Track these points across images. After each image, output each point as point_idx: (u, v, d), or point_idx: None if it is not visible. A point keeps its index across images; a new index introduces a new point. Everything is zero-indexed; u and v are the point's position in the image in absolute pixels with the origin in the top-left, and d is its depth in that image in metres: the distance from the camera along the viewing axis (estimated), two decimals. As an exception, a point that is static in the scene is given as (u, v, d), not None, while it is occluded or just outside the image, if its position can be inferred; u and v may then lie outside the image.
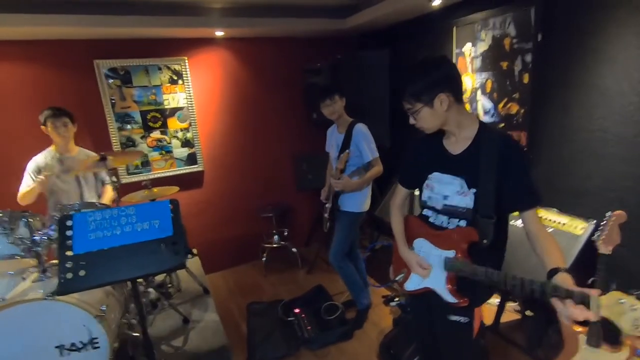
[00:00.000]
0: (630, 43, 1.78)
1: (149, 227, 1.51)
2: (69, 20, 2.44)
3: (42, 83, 2.77)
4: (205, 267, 3.15)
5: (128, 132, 3.10)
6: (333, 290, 3.06)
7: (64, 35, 2.72)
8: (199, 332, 2.21)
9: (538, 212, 1.21)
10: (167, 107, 3.20)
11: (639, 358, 1.52)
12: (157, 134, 3.21)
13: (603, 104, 1.93)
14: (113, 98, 3.00)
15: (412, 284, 1.44)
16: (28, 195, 2.28)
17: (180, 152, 3.33)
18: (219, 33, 3.13)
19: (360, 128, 2.36)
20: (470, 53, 2.60)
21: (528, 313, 2.43)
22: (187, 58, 3.18)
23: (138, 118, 3.11)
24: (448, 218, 1.31)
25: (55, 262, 1.83)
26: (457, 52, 2.68)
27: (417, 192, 1.48)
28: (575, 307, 0.93)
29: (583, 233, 1.92)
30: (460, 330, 1.35)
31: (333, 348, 2.44)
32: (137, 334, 1.96)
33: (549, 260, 1.10)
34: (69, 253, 1.39)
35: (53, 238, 1.80)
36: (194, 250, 3.25)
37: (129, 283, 1.71)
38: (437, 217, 1.35)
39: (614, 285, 1.66)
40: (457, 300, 1.28)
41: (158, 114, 3.18)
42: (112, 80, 2.97)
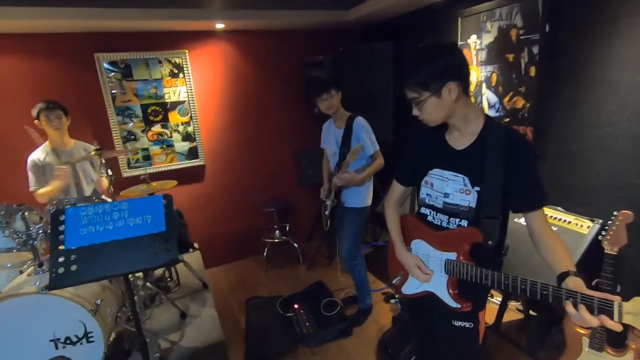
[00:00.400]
0: (643, 34, 1.70)
1: (142, 222, 1.50)
2: (69, 13, 2.43)
3: (42, 77, 2.77)
4: (206, 261, 3.14)
5: (129, 126, 3.09)
6: (333, 287, 3.04)
7: (64, 29, 2.70)
8: (196, 326, 2.21)
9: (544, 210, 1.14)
10: (167, 100, 3.18)
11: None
12: (158, 128, 3.20)
13: (613, 99, 1.85)
14: (114, 91, 2.99)
15: (410, 288, 1.37)
16: (51, 193, 2.24)
17: (181, 146, 3.32)
18: (220, 25, 3.09)
19: (361, 121, 2.33)
20: (475, 45, 2.51)
21: (531, 313, 2.38)
22: (187, 51, 3.15)
23: (139, 112, 3.10)
24: (448, 217, 1.24)
25: (51, 256, 1.83)
26: (461, 44, 2.60)
27: None
28: (588, 313, 0.88)
29: (589, 232, 1.86)
30: (465, 336, 1.28)
31: (331, 345, 2.42)
32: (134, 328, 1.95)
33: (558, 263, 1.04)
34: (61, 247, 1.39)
35: (48, 232, 1.79)
36: (195, 245, 3.25)
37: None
38: (436, 216, 1.28)
39: (619, 288, 1.60)
40: (459, 305, 1.21)
41: (159, 108, 3.16)
42: (112, 74, 2.96)
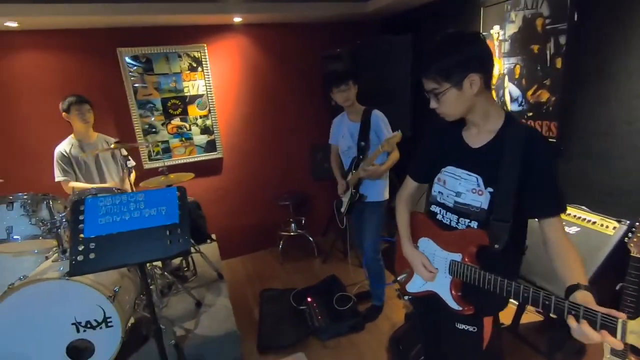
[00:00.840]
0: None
1: (157, 213, 1.54)
2: (91, 9, 2.51)
3: (67, 71, 2.87)
4: (223, 252, 3.21)
5: (150, 119, 3.17)
6: (347, 281, 3.04)
7: (87, 24, 2.79)
8: (211, 315, 2.26)
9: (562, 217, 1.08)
10: (186, 94, 3.24)
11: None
12: (177, 121, 3.27)
13: (646, 93, 1.74)
14: (135, 85, 3.07)
15: (414, 286, 1.35)
16: (81, 188, 2.32)
17: (200, 139, 3.38)
18: (237, 19, 3.10)
19: (378, 114, 2.31)
20: (498, 36, 2.41)
21: (552, 315, 2.29)
22: (206, 45, 3.19)
23: (159, 105, 3.18)
24: (458, 217, 1.20)
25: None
26: (483, 35, 2.50)
27: None
28: (589, 327, 0.84)
29: (615, 233, 1.76)
30: (468, 340, 1.25)
31: (343, 339, 2.43)
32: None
33: (569, 275, 0.99)
34: (81, 236, 1.45)
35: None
36: (213, 236, 3.32)
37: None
38: (445, 215, 1.24)
39: None
40: (460, 308, 1.18)
41: (178, 101, 3.23)
42: (134, 68, 3.03)
